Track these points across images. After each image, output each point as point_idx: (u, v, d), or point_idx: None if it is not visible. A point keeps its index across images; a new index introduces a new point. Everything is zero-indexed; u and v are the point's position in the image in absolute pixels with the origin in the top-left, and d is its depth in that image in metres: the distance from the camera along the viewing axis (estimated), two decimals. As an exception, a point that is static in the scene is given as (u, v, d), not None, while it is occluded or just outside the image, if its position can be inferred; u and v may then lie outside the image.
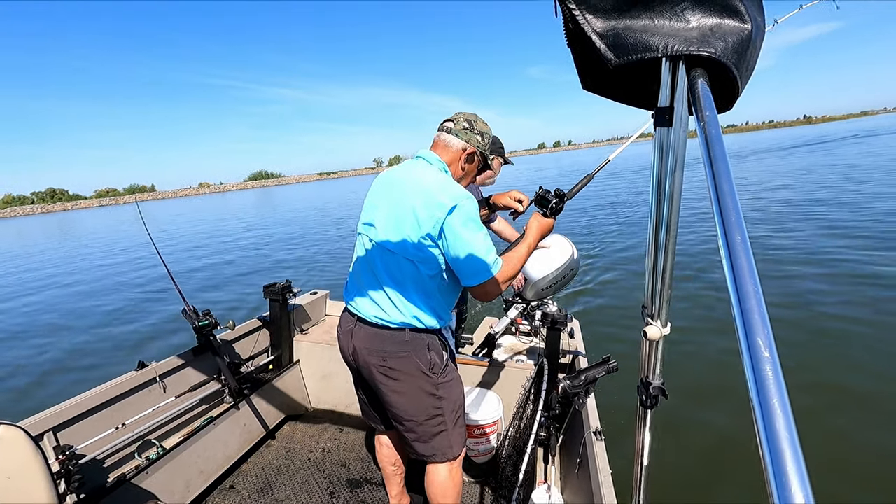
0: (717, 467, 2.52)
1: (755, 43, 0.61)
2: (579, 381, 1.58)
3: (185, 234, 17.70)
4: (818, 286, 4.96)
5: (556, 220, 1.46)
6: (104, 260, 13.23)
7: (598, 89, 0.78)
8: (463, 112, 1.49)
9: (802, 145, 34.31)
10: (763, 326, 0.40)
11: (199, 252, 11.97)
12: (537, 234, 1.44)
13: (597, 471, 1.38)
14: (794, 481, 0.32)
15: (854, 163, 17.48)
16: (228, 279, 8.93)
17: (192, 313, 2.18)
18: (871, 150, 22.67)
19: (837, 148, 27.40)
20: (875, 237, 6.57)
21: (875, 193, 10.13)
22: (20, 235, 30.33)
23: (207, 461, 2.09)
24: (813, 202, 9.85)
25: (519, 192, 1.66)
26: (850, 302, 4.45)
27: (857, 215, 8.11)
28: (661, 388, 0.84)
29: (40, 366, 5.31)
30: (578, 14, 0.64)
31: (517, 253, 1.40)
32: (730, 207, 0.48)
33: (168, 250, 10.20)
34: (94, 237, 22.50)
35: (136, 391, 2.01)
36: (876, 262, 5.47)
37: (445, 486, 1.50)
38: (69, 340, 6.14)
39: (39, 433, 1.65)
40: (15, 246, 22.20)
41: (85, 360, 5.41)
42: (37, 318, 7.55)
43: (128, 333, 6.17)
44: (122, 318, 6.95)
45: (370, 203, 1.48)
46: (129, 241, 17.66)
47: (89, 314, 7.40)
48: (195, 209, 39.91)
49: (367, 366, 1.43)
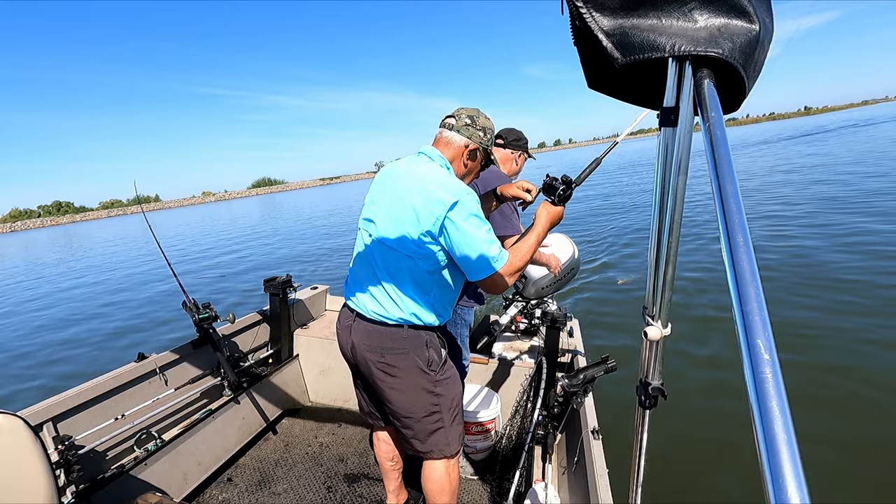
0: (714, 467, 2.53)
1: (763, 43, 0.61)
2: (578, 380, 1.58)
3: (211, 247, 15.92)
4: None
5: (565, 207, 1.43)
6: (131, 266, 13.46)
7: (604, 88, 0.78)
8: (465, 108, 1.48)
9: (782, 139, 34.04)
10: (763, 329, 0.40)
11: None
12: (547, 223, 1.42)
13: (593, 470, 1.38)
14: (791, 483, 0.32)
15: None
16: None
17: (192, 306, 2.18)
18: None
19: (831, 138, 27.44)
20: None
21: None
22: (52, 244, 30.26)
23: (206, 453, 2.10)
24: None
25: (526, 181, 1.63)
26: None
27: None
28: (661, 388, 0.84)
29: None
30: (585, 12, 0.63)
31: (526, 243, 1.38)
32: (733, 209, 0.48)
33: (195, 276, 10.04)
34: (117, 243, 22.94)
35: (136, 383, 2.02)
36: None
37: (442, 482, 1.50)
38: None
39: (39, 423, 1.66)
40: (49, 254, 22.44)
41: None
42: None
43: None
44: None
45: (371, 199, 1.48)
46: (150, 247, 17.87)
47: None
48: (204, 217, 39.73)
49: (365, 362, 1.43)
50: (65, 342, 6.36)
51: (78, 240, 30.98)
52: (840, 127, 40.54)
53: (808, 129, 47.10)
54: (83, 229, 52.05)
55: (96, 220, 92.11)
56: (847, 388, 3.06)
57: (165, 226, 32.35)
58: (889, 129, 28.44)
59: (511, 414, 2.18)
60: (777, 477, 0.33)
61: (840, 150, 18.63)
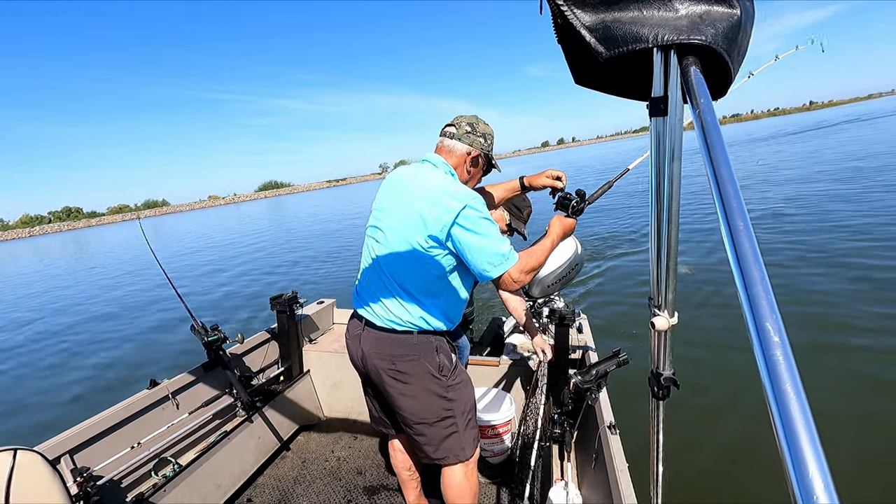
0: (736, 453, 2.50)
1: (745, 28, 0.61)
2: (590, 375, 1.57)
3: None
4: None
5: (577, 220, 1.49)
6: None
7: (592, 83, 0.78)
8: (463, 115, 1.51)
9: (780, 136, 33.91)
10: (771, 311, 0.40)
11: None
12: (560, 232, 1.46)
13: (613, 465, 1.37)
14: (812, 464, 0.32)
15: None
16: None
17: (200, 329, 2.19)
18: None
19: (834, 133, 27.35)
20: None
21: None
22: (78, 248, 31.01)
23: (223, 476, 2.10)
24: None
25: (553, 169, 1.64)
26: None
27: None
28: (673, 378, 0.84)
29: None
30: (566, 9, 0.64)
31: (541, 246, 1.43)
32: (730, 194, 0.48)
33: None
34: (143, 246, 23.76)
35: (150, 409, 2.02)
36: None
37: (462, 488, 1.49)
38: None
39: (56, 456, 1.67)
40: (78, 257, 23.08)
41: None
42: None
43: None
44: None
45: (377, 206, 1.49)
46: (169, 251, 18.54)
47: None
48: (222, 219, 40.07)
49: (375, 370, 1.43)
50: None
51: (104, 244, 31.47)
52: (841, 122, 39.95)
53: (827, 121, 46.20)
54: (103, 233, 53.76)
55: (111, 224, 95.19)
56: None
57: (183, 230, 32.34)
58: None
59: (525, 415, 2.17)
60: (797, 461, 0.33)
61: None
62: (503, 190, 1.78)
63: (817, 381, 2.92)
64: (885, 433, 2.48)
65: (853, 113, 59.49)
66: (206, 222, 38.41)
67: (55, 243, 43.13)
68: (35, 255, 29.00)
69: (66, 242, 40.60)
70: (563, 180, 1.59)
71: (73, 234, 68.58)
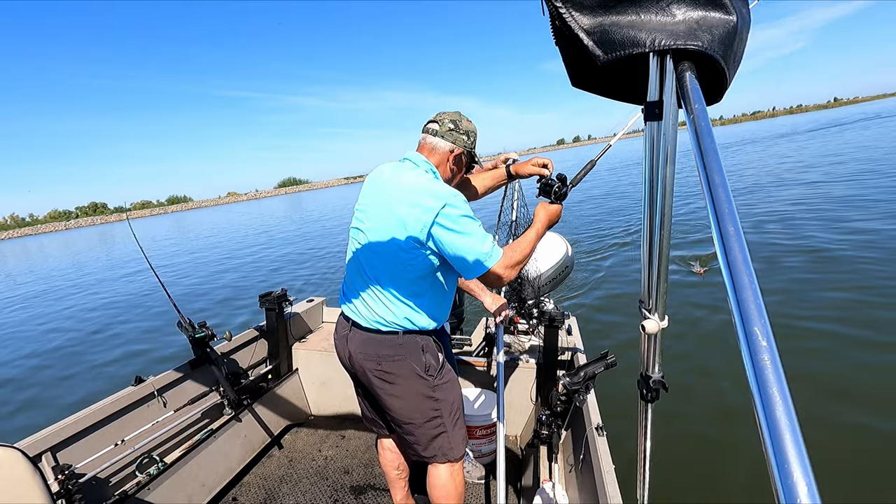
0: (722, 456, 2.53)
1: (741, 34, 0.62)
2: (579, 377, 1.58)
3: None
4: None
5: (563, 205, 1.44)
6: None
7: (588, 86, 0.78)
8: (446, 112, 1.46)
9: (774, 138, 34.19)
10: (759, 316, 0.40)
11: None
12: (546, 221, 1.42)
13: (600, 466, 1.38)
14: (796, 467, 0.33)
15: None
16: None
17: (187, 325, 2.16)
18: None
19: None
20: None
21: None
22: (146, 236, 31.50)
23: (209, 474, 2.07)
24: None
25: (540, 157, 1.62)
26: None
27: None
28: (662, 381, 0.84)
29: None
30: (565, 12, 0.64)
31: (526, 238, 1.39)
32: (722, 199, 0.49)
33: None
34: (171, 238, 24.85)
35: (135, 407, 1.99)
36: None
37: (447, 487, 1.49)
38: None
39: (37, 453, 1.63)
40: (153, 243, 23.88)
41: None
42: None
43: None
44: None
45: (359, 207, 1.47)
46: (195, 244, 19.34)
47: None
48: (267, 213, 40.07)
49: (363, 370, 1.42)
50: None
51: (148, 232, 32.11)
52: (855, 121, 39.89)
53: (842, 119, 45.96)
54: (136, 225, 54.67)
55: (140, 218, 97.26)
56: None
57: (207, 222, 33.38)
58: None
59: (514, 415, 2.17)
60: (782, 463, 0.33)
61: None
62: (489, 178, 1.74)
63: (803, 388, 2.97)
64: (870, 437, 2.53)
65: (872, 111, 60.00)
66: (232, 219, 38.07)
67: (93, 235, 45.91)
68: (96, 245, 29.42)
69: (102, 235, 42.85)
70: (549, 168, 1.57)
71: (104, 227, 71.84)
